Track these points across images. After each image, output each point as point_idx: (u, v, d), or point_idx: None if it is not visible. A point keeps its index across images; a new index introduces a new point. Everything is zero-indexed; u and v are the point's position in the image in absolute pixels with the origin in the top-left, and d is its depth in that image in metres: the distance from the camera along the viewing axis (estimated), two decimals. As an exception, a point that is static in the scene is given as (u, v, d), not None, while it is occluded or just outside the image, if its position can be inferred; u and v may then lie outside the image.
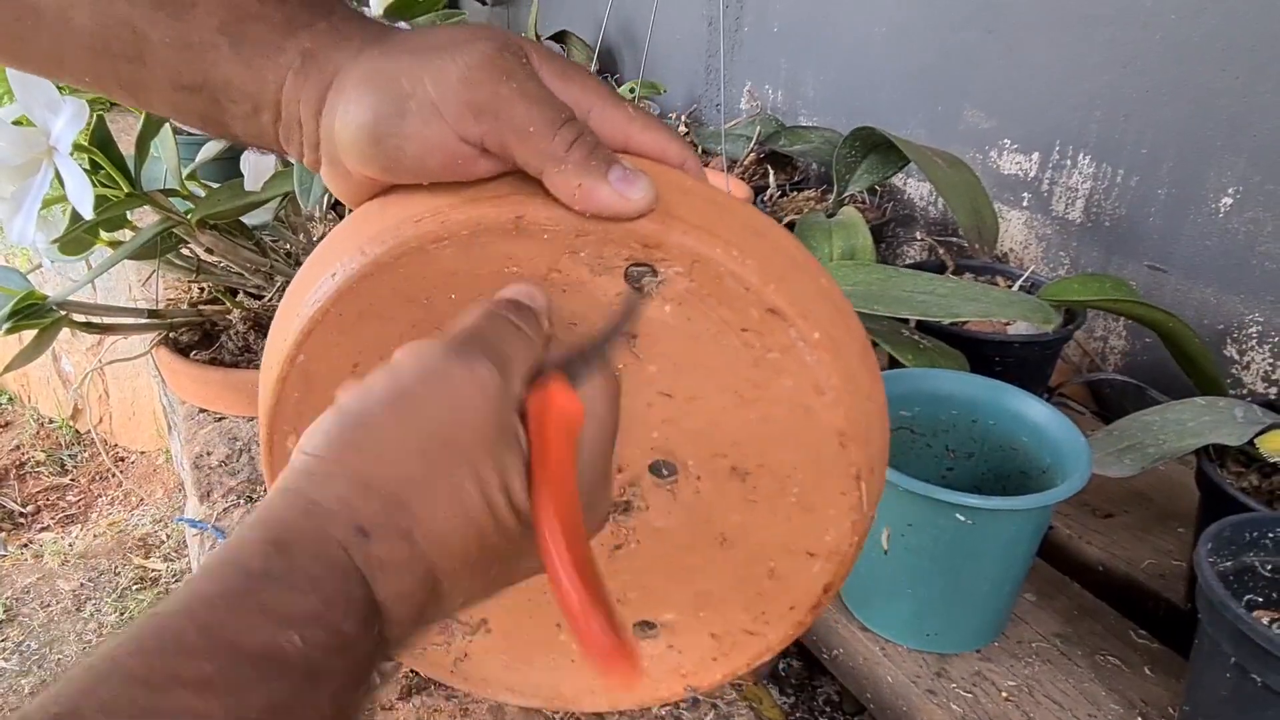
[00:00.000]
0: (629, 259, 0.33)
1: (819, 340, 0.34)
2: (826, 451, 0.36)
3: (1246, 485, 0.61)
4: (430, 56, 0.32)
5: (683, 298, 0.34)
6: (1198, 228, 0.87)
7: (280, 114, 0.35)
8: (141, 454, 2.35)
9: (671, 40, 1.68)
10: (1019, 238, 1.06)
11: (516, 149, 0.32)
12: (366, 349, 0.36)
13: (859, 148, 1.05)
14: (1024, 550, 0.58)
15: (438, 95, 0.32)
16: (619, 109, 0.36)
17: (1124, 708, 0.57)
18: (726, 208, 0.36)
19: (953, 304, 0.71)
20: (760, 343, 0.34)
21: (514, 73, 0.32)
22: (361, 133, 0.33)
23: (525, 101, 0.32)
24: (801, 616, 0.41)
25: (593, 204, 0.32)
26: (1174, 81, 0.87)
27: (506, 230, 0.33)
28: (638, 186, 0.32)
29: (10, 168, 0.73)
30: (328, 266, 0.35)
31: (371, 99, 0.32)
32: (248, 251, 0.95)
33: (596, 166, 0.32)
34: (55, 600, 1.96)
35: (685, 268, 0.33)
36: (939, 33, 1.12)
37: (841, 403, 0.35)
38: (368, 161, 0.34)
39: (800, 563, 0.39)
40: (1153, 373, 0.91)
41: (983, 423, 0.66)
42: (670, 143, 0.37)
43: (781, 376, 0.35)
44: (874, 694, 0.61)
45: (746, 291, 0.33)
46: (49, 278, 1.83)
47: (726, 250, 0.33)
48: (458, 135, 0.32)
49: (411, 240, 0.33)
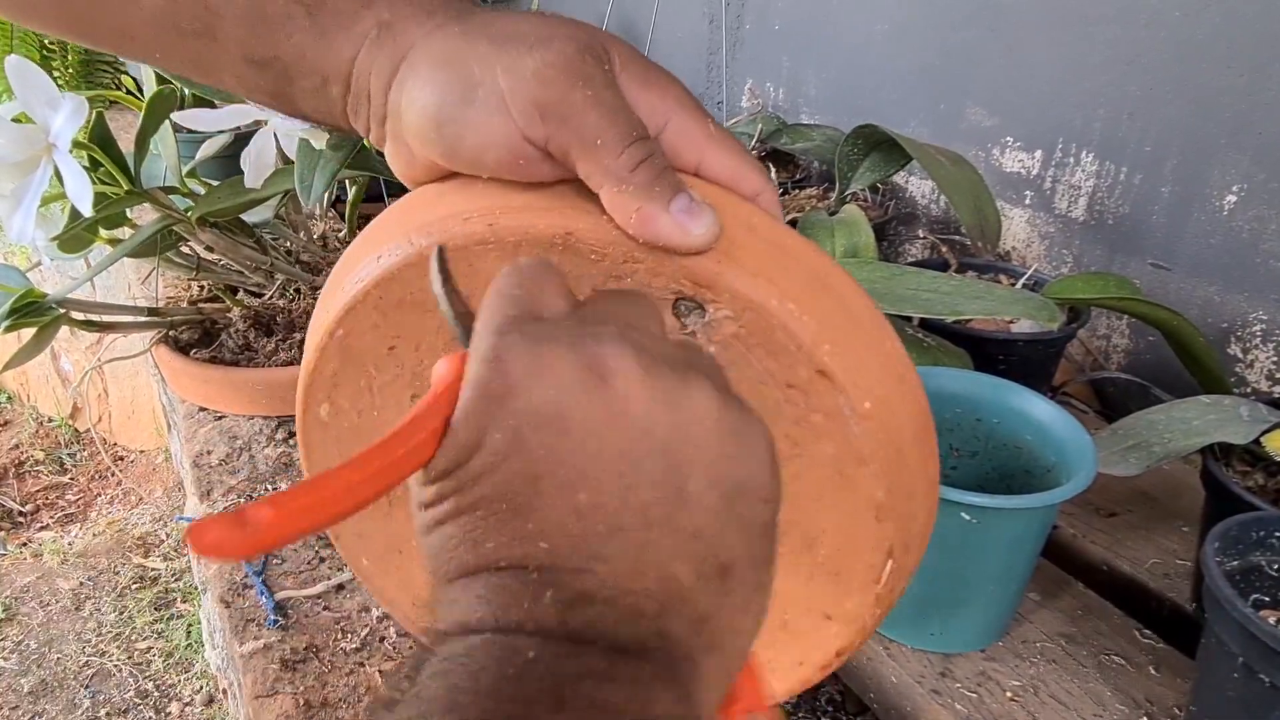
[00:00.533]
0: (678, 293, 0.32)
1: (869, 411, 0.32)
2: (861, 522, 0.35)
3: (1252, 484, 0.61)
4: (508, 46, 0.31)
5: (728, 342, 0.32)
6: (1201, 226, 0.87)
7: (350, 86, 0.34)
8: (141, 453, 2.35)
9: (673, 38, 1.68)
10: (1022, 236, 1.06)
11: (580, 160, 0.30)
12: (404, 334, 0.36)
13: (861, 146, 1.05)
14: (1028, 549, 0.58)
15: (507, 87, 0.30)
16: (699, 124, 0.34)
17: (1129, 708, 0.57)
18: (794, 254, 0.33)
19: (956, 302, 0.70)
20: (805, 402, 0.33)
21: (591, 78, 0.31)
22: (425, 114, 0.31)
23: (597, 111, 0.30)
24: (809, 674, 0.40)
25: (649, 232, 0.30)
26: (1177, 79, 0.86)
27: (554, 244, 0.31)
28: (701, 221, 0.30)
29: (9, 165, 0.72)
30: (377, 247, 0.35)
31: (441, 80, 0.31)
32: (248, 249, 0.95)
33: (660, 193, 0.30)
34: (55, 599, 1.96)
35: (735, 312, 0.32)
36: (941, 31, 1.12)
37: (884, 478, 0.33)
38: (429, 144, 0.32)
39: (816, 622, 0.38)
40: (1156, 371, 0.91)
41: (987, 421, 0.65)
42: (748, 170, 0.34)
43: (822, 441, 0.33)
44: (877, 694, 0.60)
45: (798, 350, 0.31)
46: (48, 275, 1.83)
47: (783, 302, 0.31)
48: (521, 134, 0.31)
49: (457, 238, 0.32)
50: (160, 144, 0.87)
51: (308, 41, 0.33)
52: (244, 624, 0.67)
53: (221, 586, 0.72)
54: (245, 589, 0.71)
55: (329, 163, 0.80)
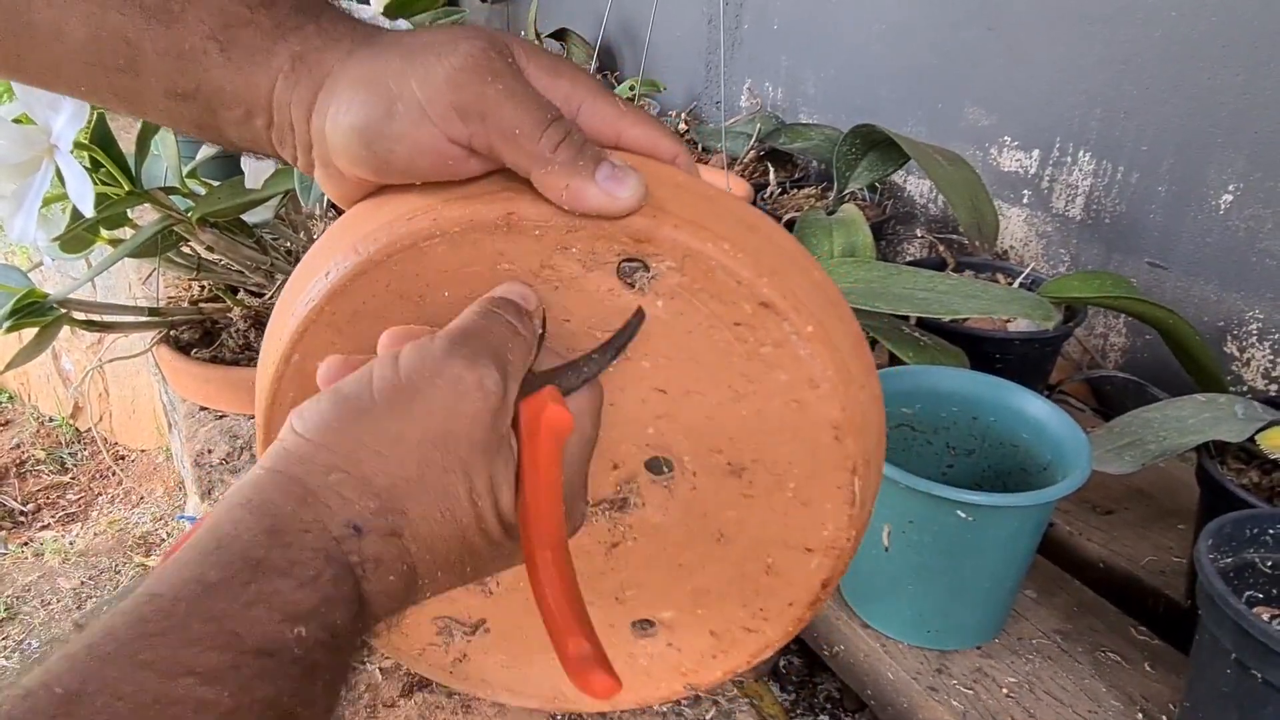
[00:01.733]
0: (620, 254, 0.34)
1: (812, 333, 0.34)
2: (822, 445, 0.36)
3: (1247, 482, 0.61)
4: (417, 58, 0.32)
5: (674, 292, 0.34)
6: (1198, 225, 0.87)
7: (273, 118, 0.35)
8: (142, 452, 2.35)
9: (672, 38, 1.68)
10: (1019, 235, 1.06)
11: (504, 150, 0.32)
12: (362, 348, 0.36)
13: (859, 145, 1.05)
14: (1025, 547, 0.58)
15: (424, 97, 0.32)
16: (609, 104, 0.36)
17: (1124, 704, 0.57)
18: (718, 202, 0.36)
19: (953, 301, 0.71)
20: (753, 337, 0.34)
21: (500, 73, 0.32)
22: (352, 135, 0.33)
23: (511, 102, 0.32)
24: (800, 613, 0.41)
25: (581, 203, 0.32)
26: (1174, 79, 0.87)
27: (498, 227, 0.33)
28: (626, 184, 0.32)
29: (11, 165, 0.73)
30: (321, 266, 0.35)
31: (361, 101, 0.33)
32: (248, 249, 0.95)
33: (584, 166, 0.32)
34: (56, 598, 1.96)
35: (677, 262, 0.33)
36: (939, 30, 1.12)
37: (836, 396, 0.35)
38: (359, 163, 0.34)
39: (798, 558, 0.39)
40: (1153, 370, 0.91)
41: (983, 420, 0.66)
42: (662, 137, 0.37)
43: (775, 371, 0.35)
44: (875, 691, 0.61)
45: (739, 285, 0.33)
46: (49, 276, 1.83)
47: (718, 244, 0.33)
48: (446, 136, 0.32)
49: (404, 238, 0.33)
50: (161, 145, 0.87)
51: (225, 76, 0.34)
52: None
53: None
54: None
55: (329, 163, 0.80)
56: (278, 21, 0.34)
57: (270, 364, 0.37)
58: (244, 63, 0.34)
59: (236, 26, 0.34)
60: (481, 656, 0.46)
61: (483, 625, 0.45)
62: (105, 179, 0.83)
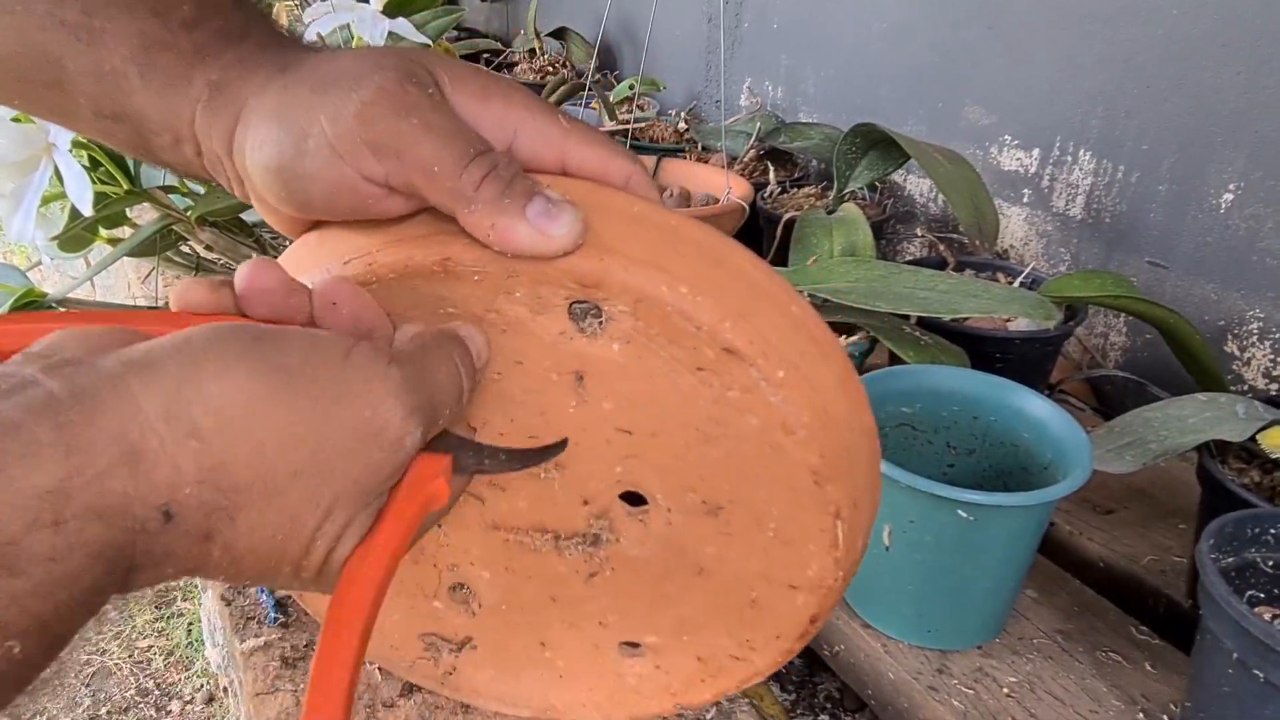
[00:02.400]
0: (569, 298, 0.31)
1: (784, 379, 0.32)
2: (801, 489, 0.34)
3: (1248, 481, 0.61)
4: (328, 90, 0.30)
5: (630, 336, 0.32)
6: (1198, 224, 0.87)
7: (200, 147, 0.33)
8: (141, 451, 2.35)
9: (671, 37, 1.68)
10: (1020, 234, 1.06)
11: (424, 189, 0.30)
12: None
13: (859, 144, 1.05)
14: (1025, 547, 0.58)
15: (334, 134, 0.29)
16: (551, 123, 0.33)
17: (1125, 704, 0.57)
18: (679, 234, 0.33)
19: (953, 300, 0.70)
20: (719, 381, 0.32)
21: (416, 105, 0.30)
22: (268, 174, 0.31)
23: (430, 137, 0.29)
24: (789, 645, 0.39)
25: (510, 245, 0.29)
26: (1175, 78, 0.87)
27: (434, 273, 0.31)
28: (560, 222, 0.29)
29: (9, 164, 0.72)
30: None
31: (273, 138, 0.30)
32: (247, 248, 0.95)
33: (510, 204, 0.29)
34: (55, 598, 1.96)
35: (629, 307, 0.31)
36: (940, 29, 1.12)
37: (814, 441, 0.32)
38: (281, 202, 0.32)
39: (783, 594, 0.38)
40: (1153, 369, 0.91)
41: (984, 419, 0.66)
42: (613, 157, 0.34)
43: (745, 415, 0.33)
44: (875, 690, 0.61)
45: (698, 331, 0.31)
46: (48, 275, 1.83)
47: (673, 287, 0.30)
48: (360, 175, 0.30)
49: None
50: (160, 143, 0.87)
51: (146, 102, 0.32)
52: (244, 622, 0.68)
53: (222, 585, 0.72)
54: (245, 587, 0.71)
55: (328, 162, 0.80)
56: (198, 46, 0.32)
57: None
58: (164, 89, 0.32)
59: (156, 49, 0.32)
60: (471, 670, 0.45)
61: (469, 642, 0.45)
62: (104, 178, 0.83)
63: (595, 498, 0.37)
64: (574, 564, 0.39)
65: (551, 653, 0.43)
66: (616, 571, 0.39)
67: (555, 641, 0.42)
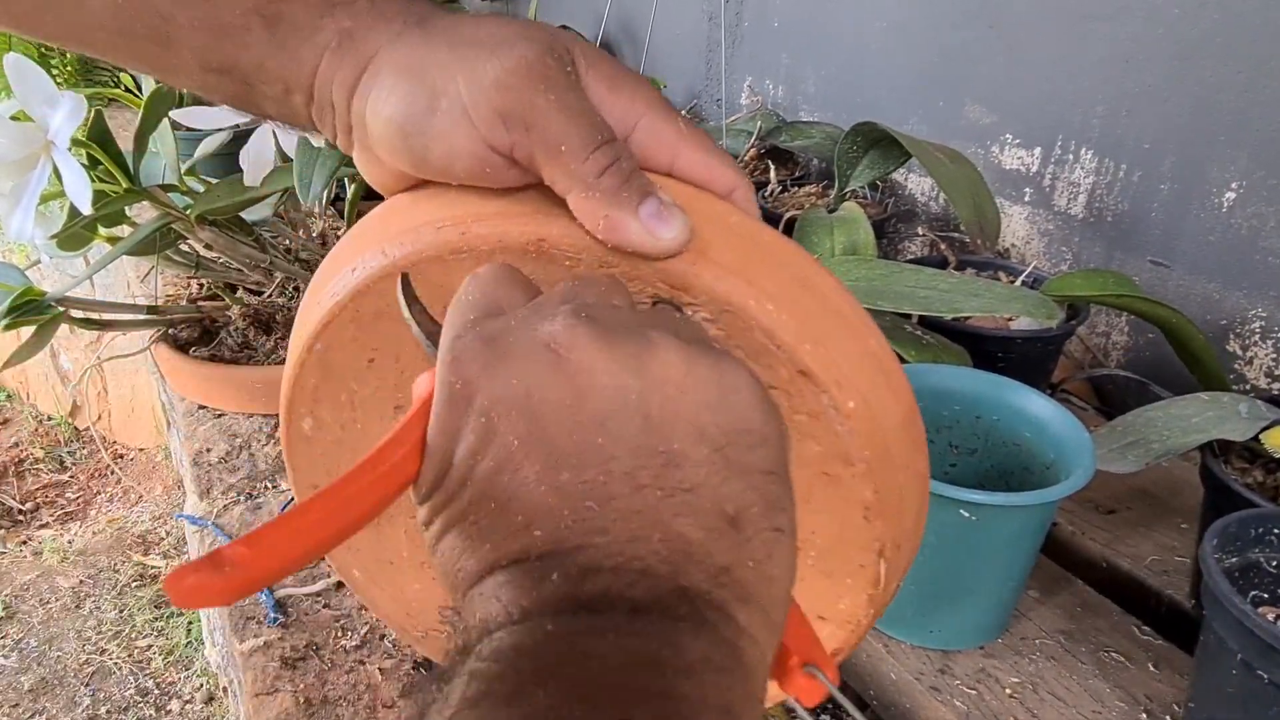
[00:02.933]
0: (654, 296, 0.31)
1: (853, 410, 0.32)
2: (850, 523, 0.34)
3: (1251, 481, 0.61)
4: (469, 53, 0.30)
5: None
6: (1200, 223, 0.87)
7: (314, 96, 0.33)
8: (140, 451, 2.35)
9: (672, 35, 1.68)
10: (1021, 233, 1.06)
11: (545, 166, 0.30)
12: (383, 347, 0.35)
13: (860, 143, 1.05)
14: (1027, 547, 0.58)
15: (469, 98, 0.30)
16: (670, 124, 0.33)
17: (1128, 704, 0.57)
18: (771, 251, 0.33)
19: (955, 300, 0.70)
20: (788, 403, 0.32)
21: (554, 81, 0.30)
22: (390, 126, 0.31)
23: (562, 115, 0.30)
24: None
25: (618, 238, 0.30)
26: (1176, 76, 0.86)
27: (527, 251, 0.31)
28: (670, 225, 0.30)
29: (8, 163, 0.72)
30: (351, 259, 0.35)
31: (404, 91, 0.31)
32: (247, 247, 0.94)
33: (628, 198, 0.30)
34: (55, 597, 1.96)
35: (713, 315, 0.31)
36: (940, 28, 1.12)
37: (871, 477, 0.33)
38: (395, 155, 0.32)
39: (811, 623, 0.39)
40: (1155, 368, 0.91)
41: (986, 419, 0.65)
42: (721, 167, 0.34)
43: (808, 440, 0.33)
44: (877, 691, 0.60)
45: (778, 349, 0.31)
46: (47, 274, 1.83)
47: (760, 302, 0.31)
48: (486, 143, 0.30)
49: (430, 248, 0.32)
50: (159, 142, 0.87)
51: (267, 52, 0.32)
52: (244, 622, 0.68)
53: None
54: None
55: (328, 160, 0.80)
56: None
57: (295, 348, 0.37)
58: (289, 38, 0.32)
59: (282, 1, 0.32)
60: None
61: None
62: (103, 176, 0.82)
63: None
64: None
65: None
66: None
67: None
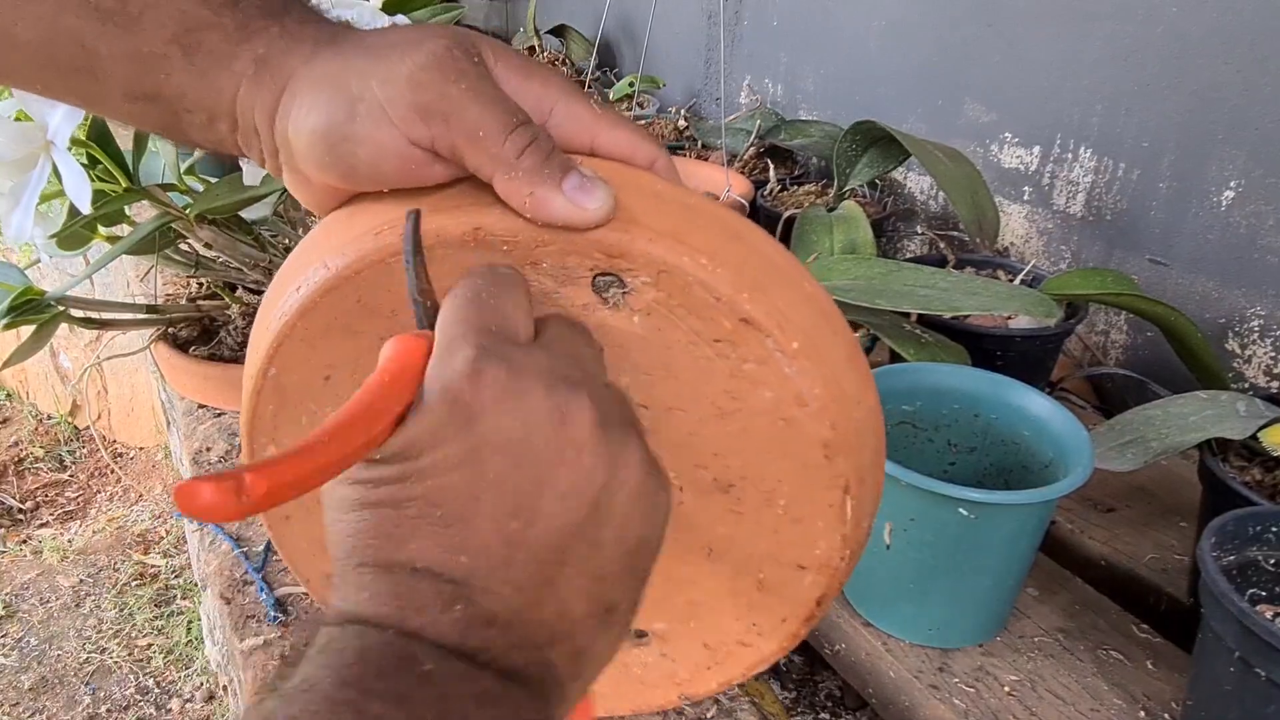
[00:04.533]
0: (593, 269, 0.32)
1: (798, 350, 0.33)
2: (812, 464, 0.35)
3: (1250, 479, 0.61)
4: (380, 57, 0.31)
5: (651, 308, 0.33)
6: (1199, 221, 0.87)
7: (237, 122, 0.34)
8: (140, 450, 2.35)
9: (671, 34, 1.68)
10: (1020, 231, 1.06)
11: (467, 153, 0.31)
12: (337, 361, 0.35)
13: (859, 142, 1.05)
14: (1026, 545, 0.58)
15: (385, 97, 0.30)
16: (584, 107, 0.34)
17: (1126, 702, 0.57)
18: (700, 211, 0.34)
19: (954, 298, 0.70)
20: (735, 354, 0.33)
21: (465, 73, 0.31)
22: (314, 138, 0.32)
23: (475, 103, 0.31)
24: (795, 628, 0.40)
25: (545, 213, 0.30)
26: (1175, 75, 0.86)
27: (465, 242, 0.32)
28: (594, 195, 0.31)
29: (8, 162, 0.72)
30: (294, 279, 0.35)
31: (323, 102, 0.31)
32: (246, 246, 0.94)
33: (550, 175, 0.30)
34: (55, 596, 1.96)
35: (652, 277, 0.32)
36: (939, 27, 1.12)
37: (826, 414, 0.33)
38: (324, 168, 0.33)
39: (791, 575, 0.38)
40: (1154, 367, 0.91)
41: (985, 417, 0.65)
42: (640, 141, 0.35)
43: (760, 388, 0.34)
44: (876, 689, 0.61)
45: (717, 302, 0.32)
46: (46, 273, 1.83)
47: (695, 259, 0.32)
48: (407, 138, 0.31)
49: (372, 253, 0.32)
50: (158, 141, 0.87)
51: (187, 81, 0.33)
52: (244, 620, 0.68)
53: (222, 583, 0.72)
54: (245, 585, 0.71)
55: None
56: (241, 23, 0.33)
57: (250, 376, 0.37)
58: (208, 68, 0.33)
59: (200, 30, 0.32)
60: None
61: None
62: (102, 175, 0.82)
63: None
64: None
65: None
66: None
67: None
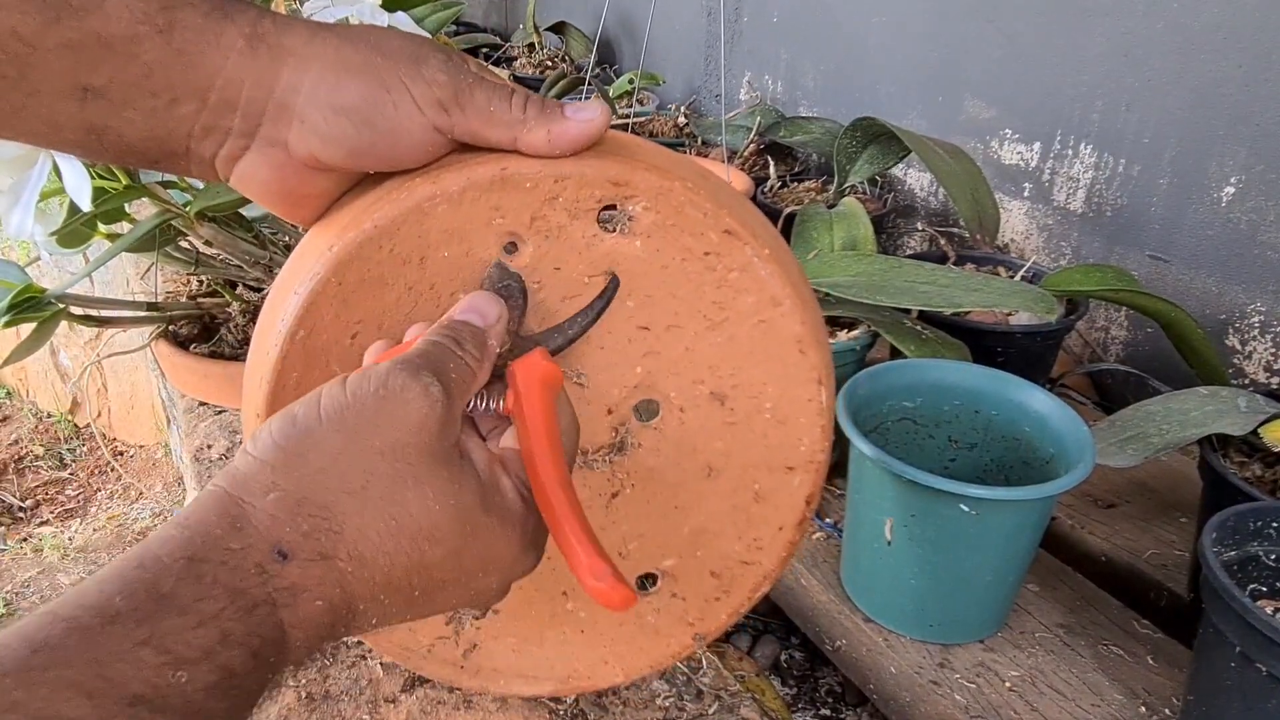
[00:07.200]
0: (600, 201, 0.38)
1: (769, 255, 0.38)
2: (789, 361, 0.40)
3: (1250, 475, 0.61)
4: (398, 59, 0.36)
5: (650, 231, 0.38)
6: (1199, 217, 0.87)
7: (207, 102, 0.34)
8: (141, 448, 2.35)
9: (671, 31, 1.67)
10: (1020, 228, 1.06)
11: (485, 129, 0.36)
12: (365, 318, 0.38)
13: (859, 138, 1.05)
14: (1027, 541, 0.58)
15: (417, 94, 0.36)
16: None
17: (1127, 697, 0.57)
18: (677, 156, 0.41)
19: (954, 294, 0.70)
20: (721, 264, 0.39)
21: (462, 69, 0.37)
22: (341, 115, 0.35)
23: (481, 88, 0.36)
24: (791, 535, 0.44)
25: (566, 140, 0.36)
26: (1175, 71, 0.86)
27: (494, 182, 0.37)
28: (592, 110, 0.37)
29: (8, 160, 0.72)
30: (321, 246, 0.37)
31: (355, 85, 0.35)
32: (247, 244, 0.94)
33: (553, 112, 0.36)
34: (55, 594, 1.96)
35: (650, 201, 0.38)
36: (939, 23, 1.12)
37: (796, 311, 0.39)
38: (340, 143, 0.36)
39: (782, 479, 0.43)
40: (1154, 363, 0.91)
41: (985, 413, 0.65)
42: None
43: (742, 295, 0.39)
44: (877, 685, 0.61)
45: (705, 216, 0.38)
46: (46, 271, 1.83)
47: (683, 183, 0.38)
48: (433, 126, 0.36)
49: (404, 202, 0.36)
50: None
51: (159, 60, 0.33)
52: (245, 618, 0.68)
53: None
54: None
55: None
56: (215, 3, 0.34)
57: (272, 348, 0.38)
58: (187, 45, 0.33)
59: (175, 9, 0.33)
60: (492, 643, 0.47)
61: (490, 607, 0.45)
62: (103, 173, 0.82)
63: (617, 406, 0.42)
64: (598, 486, 0.43)
65: (574, 602, 0.46)
66: (636, 488, 0.44)
67: (577, 587, 0.44)
